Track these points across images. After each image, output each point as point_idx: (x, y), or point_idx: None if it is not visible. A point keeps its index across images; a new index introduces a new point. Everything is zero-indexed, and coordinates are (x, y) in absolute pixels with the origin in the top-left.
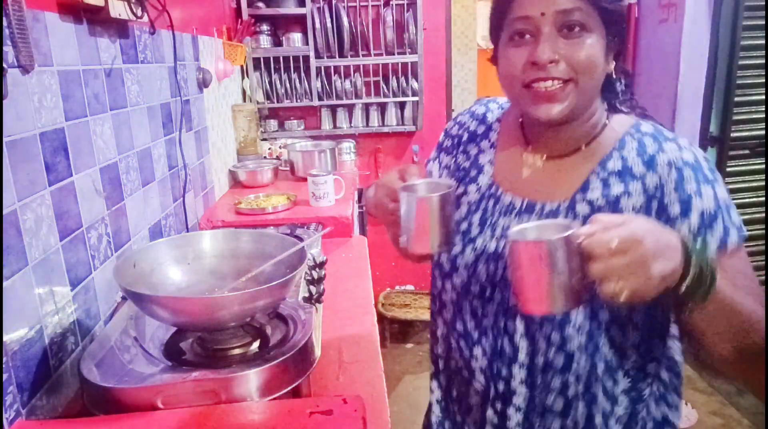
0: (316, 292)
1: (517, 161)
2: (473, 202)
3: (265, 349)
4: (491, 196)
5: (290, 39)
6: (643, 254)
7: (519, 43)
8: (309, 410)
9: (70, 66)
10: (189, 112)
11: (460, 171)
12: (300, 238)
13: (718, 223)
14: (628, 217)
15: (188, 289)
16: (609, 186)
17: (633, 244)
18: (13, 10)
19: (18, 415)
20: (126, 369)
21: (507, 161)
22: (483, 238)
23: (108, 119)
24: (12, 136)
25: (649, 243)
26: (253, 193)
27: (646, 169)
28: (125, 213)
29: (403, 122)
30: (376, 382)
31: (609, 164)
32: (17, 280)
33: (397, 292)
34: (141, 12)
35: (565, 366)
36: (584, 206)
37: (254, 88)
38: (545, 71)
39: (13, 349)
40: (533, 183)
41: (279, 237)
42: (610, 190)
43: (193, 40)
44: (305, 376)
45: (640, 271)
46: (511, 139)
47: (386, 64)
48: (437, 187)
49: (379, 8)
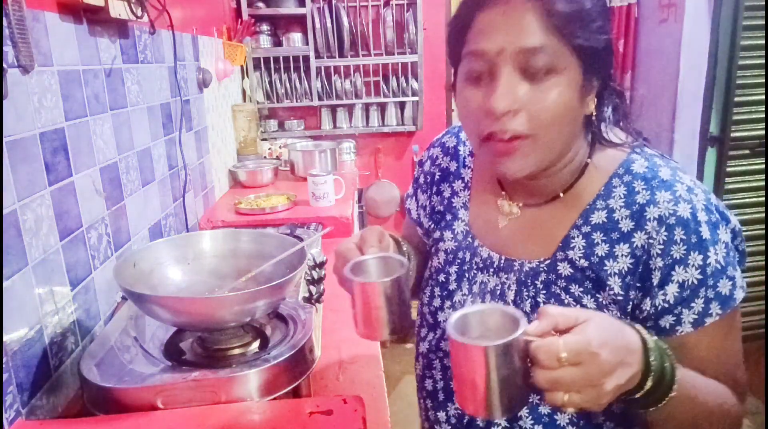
0: (316, 292)
1: (493, 208)
2: (450, 251)
3: (265, 349)
4: (468, 248)
5: (290, 39)
6: (599, 368)
7: (476, 82)
8: (309, 410)
9: (70, 66)
10: (189, 112)
11: (436, 214)
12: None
13: (698, 299)
14: (583, 315)
15: (188, 289)
16: (593, 244)
17: (587, 357)
18: (13, 10)
19: (18, 415)
20: (126, 369)
21: (482, 207)
22: (460, 294)
23: (108, 119)
24: (12, 136)
25: (605, 354)
26: (253, 193)
27: (634, 226)
28: (125, 213)
29: (403, 122)
30: (376, 382)
31: (593, 217)
32: (17, 280)
33: None
34: (141, 12)
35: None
36: (566, 266)
37: (254, 88)
38: (500, 124)
39: (13, 349)
40: (511, 235)
41: (279, 237)
42: (594, 250)
43: (193, 40)
44: (305, 376)
45: (593, 386)
46: (485, 180)
47: (386, 64)
48: (389, 267)
49: (379, 8)
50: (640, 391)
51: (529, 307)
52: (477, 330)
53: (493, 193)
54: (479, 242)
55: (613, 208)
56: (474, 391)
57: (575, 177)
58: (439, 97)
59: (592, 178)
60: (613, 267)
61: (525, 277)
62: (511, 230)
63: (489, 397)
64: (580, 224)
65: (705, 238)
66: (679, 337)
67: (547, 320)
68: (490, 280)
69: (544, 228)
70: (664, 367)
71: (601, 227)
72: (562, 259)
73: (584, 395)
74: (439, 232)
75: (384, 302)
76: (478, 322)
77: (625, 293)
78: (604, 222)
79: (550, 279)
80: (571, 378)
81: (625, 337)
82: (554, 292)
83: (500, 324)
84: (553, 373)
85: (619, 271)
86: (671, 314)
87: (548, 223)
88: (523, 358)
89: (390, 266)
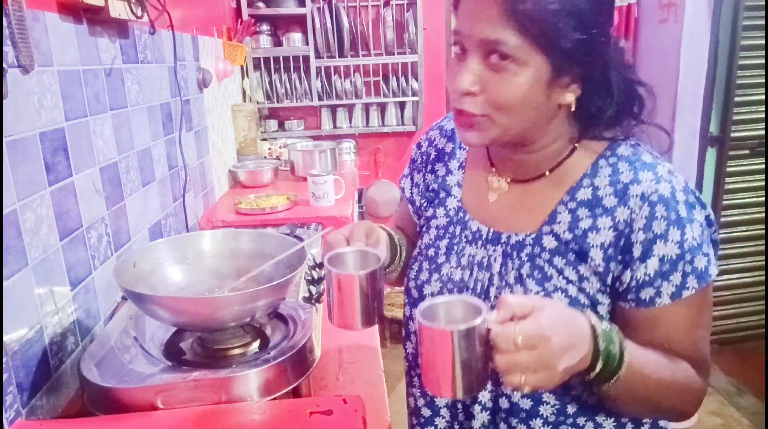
0: (316, 292)
1: (484, 184)
2: (441, 227)
3: (265, 349)
4: (459, 222)
5: (290, 39)
6: (551, 351)
7: (458, 58)
8: (309, 410)
9: (70, 66)
10: (189, 112)
11: (429, 192)
12: (300, 238)
13: (676, 273)
14: (539, 303)
15: (188, 289)
16: (577, 219)
17: (540, 340)
18: (13, 10)
19: (18, 415)
20: (126, 369)
21: (474, 183)
22: (448, 266)
23: (108, 119)
24: (12, 136)
25: (557, 338)
26: (253, 193)
27: (617, 202)
28: (125, 213)
29: (403, 122)
30: (376, 382)
31: (579, 194)
32: (17, 280)
33: (397, 292)
34: (141, 12)
35: (532, 411)
36: (551, 239)
37: (254, 88)
38: (461, 101)
39: (13, 349)
40: (500, 210)
41: (279, 237)
42: (578, 224)
43: (193, 40)
44: (305, 376)
45: (546, 367)
46: (477, 159)
47: (386, 64)
48: (366, 261)
49: (379, 8)
50: (592, 372)
51: (513, 278)
52: (444, 319)
53: (484, 169)
54: (470, 216)
55: (599, 186)
56: (439, 372)
57: (562, 157)
58: (439, 97)
59: (581, 159)
60: (596, 239)
61: (511, 249)
62: (500, 205)
63: (453, 378)
64: (566, 201)
65: (683, 216)
66: (658, 309)
67: (505, 309)
68: (477, 252)
69: (531, 204)
70: (609, 350)
71: (587, 203)
72: (548, 233)
73: (538, 376)
74: (432, 210)
75: (358, 294)
76: (444, 312)
77: (605, 265)
78: (589, 198)
79: (534, 252)
80: (526, 360)
81: (575, 323)
82: (538, 264)
83: (464, 314)
84: (511, 356)
85: (601, 243)
86: (651, 287)
87: (536, 199)
88: (484, 343)
89: (367, 260)
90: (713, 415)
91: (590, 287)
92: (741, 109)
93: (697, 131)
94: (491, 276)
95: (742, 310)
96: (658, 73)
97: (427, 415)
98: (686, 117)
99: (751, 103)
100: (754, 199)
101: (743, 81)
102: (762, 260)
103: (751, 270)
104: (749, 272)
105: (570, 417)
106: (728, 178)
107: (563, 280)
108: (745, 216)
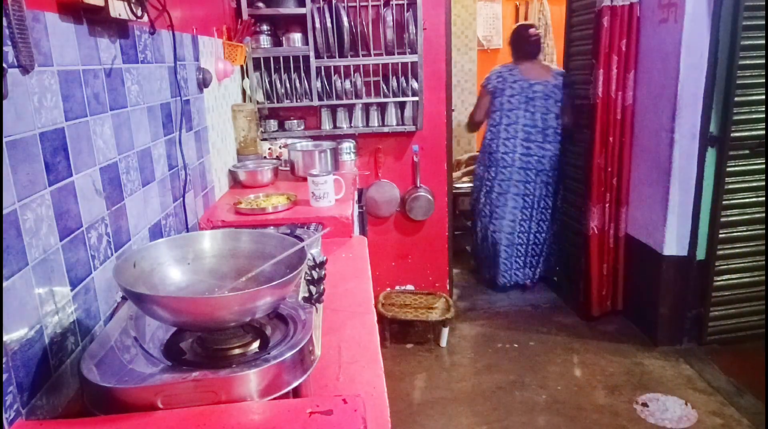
0: (316, 292)
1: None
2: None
3: (265, 349)
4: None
5: (290, 39)
6: None
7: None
8: (309, 410)
9: (70, 66)
10: (189, 112)
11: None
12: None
13: None
14: None
15: (188, 289)
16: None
17: None
18: (13, 10)
19: (18, 415)
20: (126, 369)
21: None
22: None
23: (108, 119)
24: (12, 136)
25: None
26: (253, 193)
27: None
28: (125, 213)
29: (403, 122)
30: (376, 382)
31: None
32: (17, 280)
33: (397, 292)
34: (141, 12)
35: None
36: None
37: (254, 88)
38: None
39: (13, 349)
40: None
41: (279, 237)
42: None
43: (193, 40)
44: (305, 376)
45: None
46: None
47: (386, 64)
48: None
49: (379, 8)
50: None
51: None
52: None
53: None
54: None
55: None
56: None
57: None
58: (439, 97)
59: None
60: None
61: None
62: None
63: None
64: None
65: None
66: None
67: None
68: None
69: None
70: None
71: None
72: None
73: None
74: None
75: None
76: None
77: None
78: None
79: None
80: None
81: None
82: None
83: None
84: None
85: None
86: None
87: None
88: None
89: None
90: (713, 415)
91: None
92: (741, 109)
93: (697, 131)
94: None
95: (742, 310)
96: (658, 73)
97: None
98: (686, 117)
99: (751, 103)
100: (754, 199)
101: (743, 81)
102: (762, 260)
103: (751, 270)
104: (749, 272)
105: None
106: (728, 178)
107: None
108: (745, 216)
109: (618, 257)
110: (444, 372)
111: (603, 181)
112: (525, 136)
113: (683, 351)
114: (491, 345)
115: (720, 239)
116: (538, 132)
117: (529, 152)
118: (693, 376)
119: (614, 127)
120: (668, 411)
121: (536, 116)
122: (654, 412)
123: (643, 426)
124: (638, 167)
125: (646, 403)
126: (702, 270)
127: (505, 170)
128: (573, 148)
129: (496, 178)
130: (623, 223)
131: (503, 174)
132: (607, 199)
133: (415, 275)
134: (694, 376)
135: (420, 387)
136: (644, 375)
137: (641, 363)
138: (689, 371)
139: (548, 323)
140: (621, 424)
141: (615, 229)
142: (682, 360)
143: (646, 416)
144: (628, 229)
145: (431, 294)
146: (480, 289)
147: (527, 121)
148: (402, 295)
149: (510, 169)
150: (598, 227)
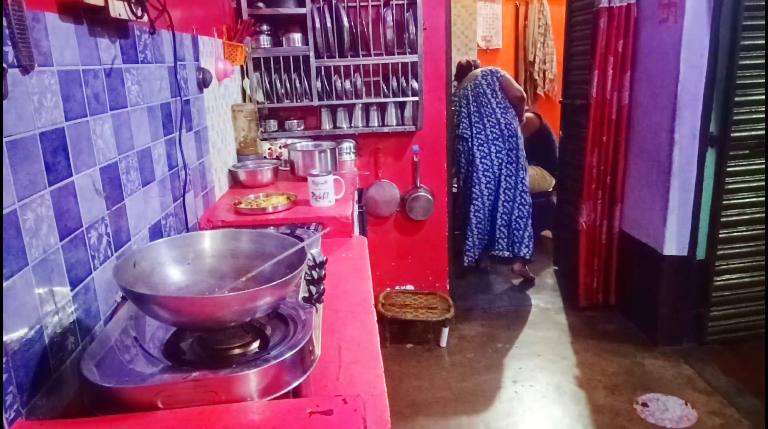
0: (316, 292)
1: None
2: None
3: (265, 349)
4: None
5: (290, 39)
6: None
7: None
8: (309, 410)
9: (70, 66)
10: (189, 112)
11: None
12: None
13: None
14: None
15: (188, 289)
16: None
17: None
18: (13, 10)
19: (18, 415)
20: (126, 369)
21: None
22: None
23: (108, 119)
24: (12, 136)
25: None
26: (253, 193)
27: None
28: (125, 213)
29: (403, 122)
30: (376, 382)
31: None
32: (17, 280)
33: (397, 292)
34: (141, 12)
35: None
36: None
37: (254, 88)
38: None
39: (13, 349)
40: None
41: (279, 237)
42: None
43: (193, 40)
44: (305, 376)
45: None
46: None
47: (386, 64)
48: None
49: (379, 8)
50: None
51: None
52: None
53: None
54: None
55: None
56: None
57: None
58: (439, 97)
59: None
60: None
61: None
62: None
63: None
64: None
65: None
66: None
67: None
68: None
69: None
70: None
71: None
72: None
73: None
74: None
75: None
76: None
77: None
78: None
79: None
80: None
81: None
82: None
83: None
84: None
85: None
86: None
87: None
88: None
89: None
90: (713, 415)
91: None
92: (741, 109)
93: (697, 131)
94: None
95: (742, 310)
96: (658, 73)
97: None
98: (686, 117)
99: (751, 103)
100: (754, 199)
101: (743, 81)
102: (762, 260)
103: (751, 270)
104: (749, 272)
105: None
106: (728, 178)
107: None
108: (745, 216)
109: (611, 253)
110: (444, 372)
111: (595, 178)
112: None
113: (683, 351)
114: (491, 345)
115: (720, 239)
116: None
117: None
118: (693, 376)
119: (609, 127)
120: (668, 411)
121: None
122: (654, 412)
123: (643, 426)
124: (637, 167)
125: (646, 403)
126: (702, 270)
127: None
128: (571, 146)
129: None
130: (617, 220)
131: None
132: (599, 196)
133: (415, 275)
134: (694, 376)
135: (420, 387)
136: (644, 375)
137: (641, 363)
138: (689, 371)
139: (548, 323)
140: (621, 424)
141: (608, 226)
142: (682, 360)
143: (646, 416)
144: (624, 227)
145: (431, 294)
146: (480, 289)
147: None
148: (402, 295)
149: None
150: (588, 223)
